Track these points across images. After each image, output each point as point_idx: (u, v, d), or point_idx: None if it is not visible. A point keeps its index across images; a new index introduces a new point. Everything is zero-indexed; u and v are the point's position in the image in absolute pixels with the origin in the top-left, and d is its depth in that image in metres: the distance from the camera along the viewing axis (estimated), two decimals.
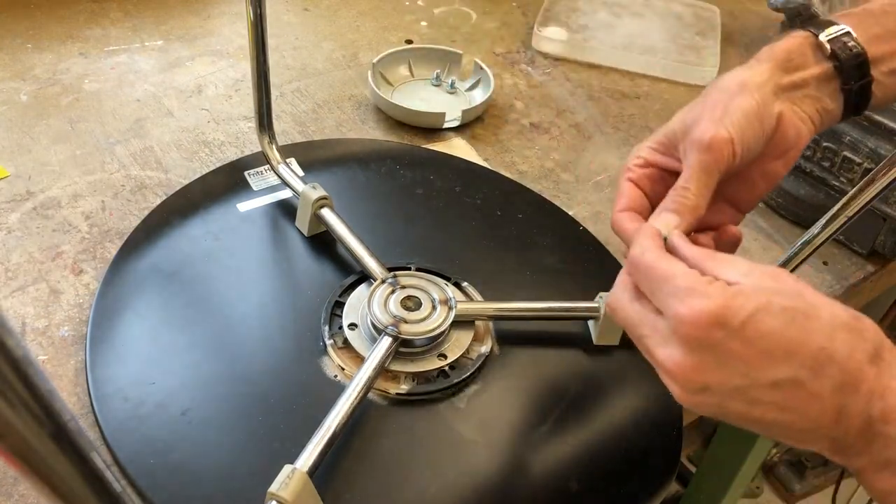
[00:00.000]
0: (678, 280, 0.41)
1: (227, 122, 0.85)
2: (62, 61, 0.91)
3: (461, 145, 0.87)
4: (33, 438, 0.25)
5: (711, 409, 0.42)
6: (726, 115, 0.49)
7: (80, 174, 0.77)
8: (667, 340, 0.42)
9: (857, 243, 0.81)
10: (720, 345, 0.40)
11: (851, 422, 0.39)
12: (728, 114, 0.49)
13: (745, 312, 0.39)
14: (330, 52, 0.99)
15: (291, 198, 0.74)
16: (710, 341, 0.40)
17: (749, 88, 0.50)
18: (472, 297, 0.67)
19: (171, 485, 0.52)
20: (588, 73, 1.02)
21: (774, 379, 0.39)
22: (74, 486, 0.27)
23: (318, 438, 0.52)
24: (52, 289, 0.66)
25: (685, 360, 0.41)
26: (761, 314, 0.39)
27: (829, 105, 0.53)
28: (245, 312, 0.64)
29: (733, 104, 0.50)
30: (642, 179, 0.53)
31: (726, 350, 0.40)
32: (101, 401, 0.56)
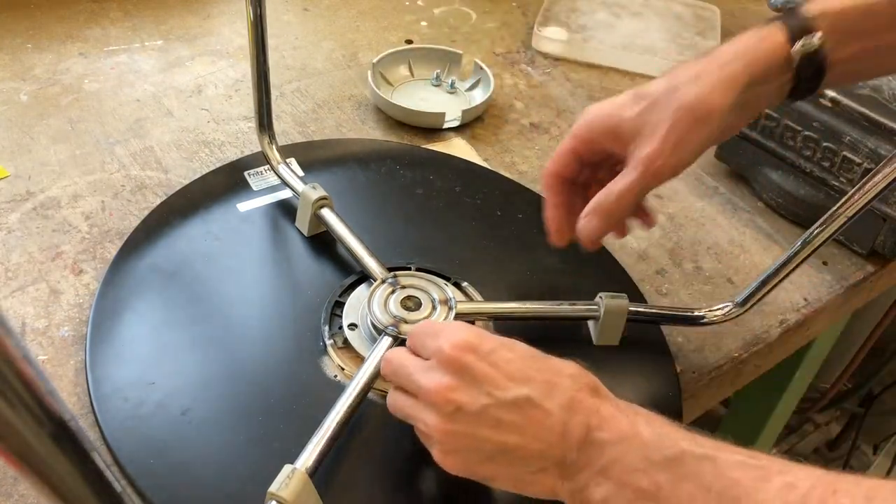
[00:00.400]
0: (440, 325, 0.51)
1: (227, 122, 0.85)
2: (62, 61, 0.91)
3: (461, 145, 0.87)
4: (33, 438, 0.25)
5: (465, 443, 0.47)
6: (680, 146, 0.53)
7: (80, 174, 0.77)
8: (430, 370, 0.49)
9: (857, 243, 0.81)
10: (472, 366, 0.47)
11: (574, 434, 0.45)
12: (683, 145, 0.53)
13: (493, 344, 0.48)
14: (330, 52, 0.99)
15: (291, 198, 0.74)
16: (463, 363, 0.47)
17: (711, 120, 0.53)
18: (472, 297, 0.67)
19: (171, 485, 0.52)
20: (588, 73, 1.02)
21: (514, 396, 0.46)
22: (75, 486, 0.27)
23: (318, 438, 0.52)
24: (52, 289, 0.66)
25: (443, 379, 0.47)
26: (505, 349, 0.49)
27: (773, 103, 0.57)
28: (245, 312, 0.64)
29: (690, 138, 0.53)
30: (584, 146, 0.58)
31: (476, 372, 0.47)
32: (101, 401, 0.56)
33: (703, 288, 0.75)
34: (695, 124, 0.53)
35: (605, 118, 0.56)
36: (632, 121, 0.54)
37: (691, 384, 0.68)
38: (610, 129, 0.56)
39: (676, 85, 0.54)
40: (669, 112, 0.53)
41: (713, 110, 0.52)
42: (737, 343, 0.71)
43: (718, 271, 0.77)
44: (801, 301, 0.76)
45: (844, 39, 0.53)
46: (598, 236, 0.57)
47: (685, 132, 0.53)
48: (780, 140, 0.82)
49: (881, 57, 0.55)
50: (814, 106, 0.78)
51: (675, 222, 0.82)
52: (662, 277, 0.76)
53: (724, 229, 0.82)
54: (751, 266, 0.79)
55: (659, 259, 0.78)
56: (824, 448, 1.71)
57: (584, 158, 0.59)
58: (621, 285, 0.72)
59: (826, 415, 1.65)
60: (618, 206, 0.55)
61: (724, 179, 0.89)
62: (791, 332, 0.75)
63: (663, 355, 0.67)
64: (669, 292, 0.74)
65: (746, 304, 0.66)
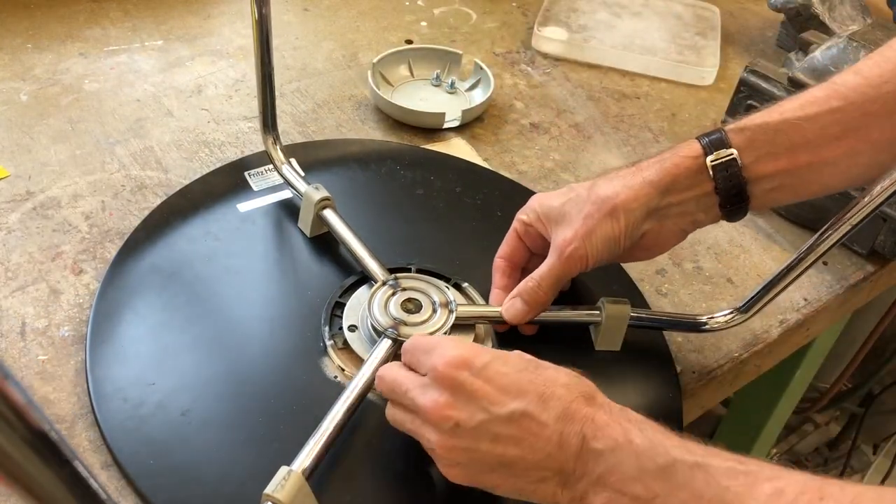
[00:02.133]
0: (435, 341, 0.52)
1: (228, 122, 0.85)
2: (62, 61, 0.91)
3: (461, 145, 0.87)
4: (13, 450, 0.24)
5: (466, 457, 0.49)
6: (590, 236, 0.59)
7: (80, 174, 0.77)
8: (426, 388, 0.50)
9: (857, 243, 0.81)
10: (466, 383, 0.48)
11: (570, 444, 0.47)
12: (592, 235, 0.58)
13: (486, 359, 0.49)
14: (330, 52, 0.99)
15: (291, 198, 0.74)
16: (458, 380, 0.48)
17: (618, 214, 0.58)
18: (473, 297, 0.67)
19: (171, 485, 0.52)
20: (588, 73, 1.02)
21: (510, 411, 0.47)
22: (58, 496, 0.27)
23: (315, 440, 0.52)
24: (52, 289, 0.66)
25: (440, 397, 0.48)
26: (498, 362, 0.49)
27: (702, 218, 0.60)
28: (245, 313, 0.64)
29: (599, 230, 0.58)
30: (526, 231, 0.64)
31: (471, 388, 0.48)
32: (101, 401, 0.56)
33: (703, 288, 0.75)
34: (603, 218, 0.58)
35: (539, 206, 0.62)
36: (558, 209, 0.61)
37: (691, 384, 0.68)
38: (542, 216, 0.62)
39: (597, 181, 0.60)
40: (586, 205, 0.59)
41: (619, 206, 0.58)
42: (737, 343, 0.71)
43: (718, 271, 0.77)
44: (800, 301, 0.76)
45: (763, 156, 0.56)
46: (522, 317, 0.61)
47: (595, 224, 0.58)
48: None
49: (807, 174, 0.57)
50: None
51: None
52: (662, 277, 0.76)
53: (724, 229, 0.82)
54: (751, 266, 0.79)
55: (659, 259, 0.78)
56: (824, 448, 1.71)
57: (528, 244, 0.65)
58: (621, 285, 0.72)
59: (826, 415, 1.65)
60: (538, 289, 0.61)
61: None
62: (791, 332, 0.75)
63: (663, 355, 0.67)
64: (669, 292, 0.74)
65: (749, 311, 0.66)
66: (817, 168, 0.57)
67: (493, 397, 0.48)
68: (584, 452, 0.47)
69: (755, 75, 0.82)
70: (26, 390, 0.24)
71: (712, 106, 0.99)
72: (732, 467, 0.44)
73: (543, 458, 0.47)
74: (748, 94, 0.82)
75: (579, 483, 0.47)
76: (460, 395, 0.48)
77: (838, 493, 0.40)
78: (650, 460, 0.45)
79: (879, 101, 0.56)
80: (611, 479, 0.46)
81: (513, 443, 0.47)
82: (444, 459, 0.49)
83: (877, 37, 0.77)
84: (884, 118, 0.55)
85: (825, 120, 0.56)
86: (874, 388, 1.48)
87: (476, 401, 0.48)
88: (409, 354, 0.53)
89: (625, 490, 0.45)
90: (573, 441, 0.47)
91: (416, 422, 0.51)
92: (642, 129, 0.94)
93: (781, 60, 0.96)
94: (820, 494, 0.40)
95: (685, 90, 1.01)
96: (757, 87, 0.81)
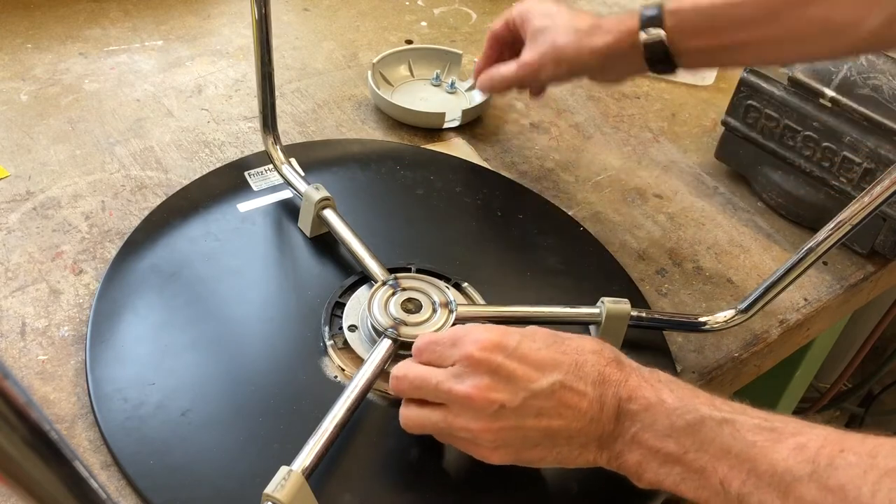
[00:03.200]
0: (459, 332, 0.53)
1: (228, 122, 0.85)
2: (62, 61, 0.91)
3: (461, 145, 0.87)
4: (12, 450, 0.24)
5: (512, 436, 0.50)
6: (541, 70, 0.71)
7: (80, 174, 0.77)
8: (461, 377, 0.50)
9: (857, 243, 0.81)
10: (503, 366, 0.50)
11: (608, 407, 0.49)
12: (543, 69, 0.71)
13: (516, 340, 0.51)
14: (330, 52, 0.99)
15: (291, 198, 0.74)
16: (494, 363, 0.50)
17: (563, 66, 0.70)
18: (473, 297, 0.67)
19: (171, 485, 0.52)
20: None
21: (550, 384, 0.49)
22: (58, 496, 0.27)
23: (315, 440, 0.52)
24: (52, 289, 0.66)
25: (481, 382, 0.49)
26: (527, 340, 0.51)
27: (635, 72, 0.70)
28: (244, 313, 0.64)
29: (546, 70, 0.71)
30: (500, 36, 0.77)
31: (508, 370, 0.50)
32: (101, 401, 0.56)
33: (703, 288, 0.75)
34: (553, 62, 0.70)
35: (526, 13, 0.73)
36: (535, 28, 0.72)
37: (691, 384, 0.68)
38: (525, 26, 0.73)
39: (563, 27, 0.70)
40: (547, 43, 0.70)
41: (566, 61, 0.69)
42: (737, 343, 0.71)
43: (718, 271, 0.77)
44: (800, 301, 0.76)
45: (689, 34, 0.65)
46: (485, 89, 0.78)
47: (547, 62, 0.70)
48: (780, 140, 0.82)
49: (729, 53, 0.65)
50: (814, 106, 0.78)
51: (675, 222, 0.82)
52: (662, 277, 0.76)
53: (724, 229, 0.82)
54: (751, 266, 0.79)
55: (659, 259, 0.78)
56: None
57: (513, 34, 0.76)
58: (621, 285, 0.72)
59: (826, 415, 1.65)
60: (500, 81, 0.75)
61: (724, 179, 0.89)
62: (791, 332, 0.75)
63: (663, 355, 0.67)
64: (669, 292, 0.74)
65: (750, 312, 0.66)
66: (738, 48, 0.64)
67: (531, 375, 0.50)
68: (620, 414, 0.49)
69: (755, 75, 0.82)
70: (26, 390, 0.24)
71: (712, 106, 0.99)
72: (759, 424, 0.46)
73: (585, 424, 0.49)
74: (748, 94, 0.82)
75: (615, 443, 0.50)
76: (499, 377, 0.49)
77: (858, 444, 0.42)
78: (680, 418, 0.48)
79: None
80: (644, 437, 0.48)
81: (556, 414, 0.49)
82: (488, 443, 0.50)
83: None
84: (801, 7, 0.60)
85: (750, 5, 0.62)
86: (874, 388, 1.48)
87: (516, 380, 0.49)
88: (428, 352, 0.53)
89: (657, 447, 0.48)
90: (610, 403, 0.49)
91: (450, 414, 0.51)
92: (642, 129, 0.94)
93: None
94: (840, 447, 0.42)
95: (685, 90, 1.01)
96: (757, 87, 0.81)
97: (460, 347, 0.51)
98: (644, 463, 0.49)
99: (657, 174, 0.88)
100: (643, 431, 0.49)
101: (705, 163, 0.90)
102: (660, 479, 0.48)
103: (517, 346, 0.51)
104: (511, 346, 0.51)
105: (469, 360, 0.50)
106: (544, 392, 0.49)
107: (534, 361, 0.50)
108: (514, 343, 0.51)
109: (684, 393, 0.49)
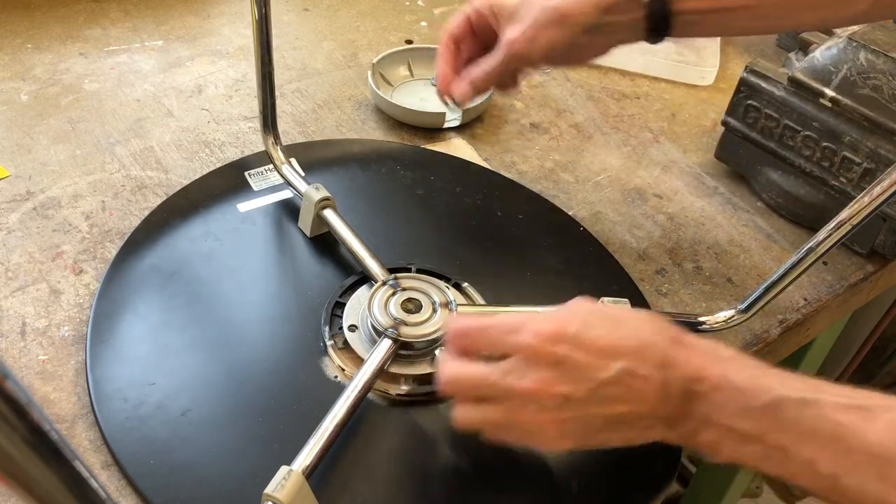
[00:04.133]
0: (512, 321, 0.50)
1: (228, 122, 0.85)
2: (62, 61, 0.91)
3: (461, 145, 0.87)
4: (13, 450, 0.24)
5: (577, 425, 0.49)
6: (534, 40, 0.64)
7: (80, 174, 0.77)
8: (524, 371, 0.49)
9: (857, 243, 0.81)
10: (567, 357, 0.48)
11: (674, 389, 0.48)
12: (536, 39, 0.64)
13: (575, 327, 0.49)
14: (330, 52, 0.99)
15: (292, 198, 0.74)
16: (558, 356, 0.48)
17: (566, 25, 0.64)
18: (473, 297, 0.67)
19: (171, 485, 0.52)
20: (588, 73, 1.02)
21: (614, 373, 0.48)
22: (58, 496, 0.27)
23: (315, 440, 0.52)
24: (52, 289, 0.66)
25: (546, 375, 0.48)
26: (586, 327, 0.49)
27: (628, 38, 0.66)
28: (245, 313, 0.64)
29: (543, 36, 0.64)
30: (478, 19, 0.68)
31: (573, 361, 0.48)
32: (101, 401, 0.56)
33: (703, 288, 0.75)
34: (550, 25, 0.64)
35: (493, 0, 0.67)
36: (510, 8, 0.66)
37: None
38: (495, 9, 0.67)
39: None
40: (536, 10, 0.64)
41: (567, 17, 0.63)
42: (737, 343, 0.71)
43: (718, 271, 0.77)
44: (800, 301, 0.76)
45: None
46: (468, 98, 0.68)
47: (541, 28, 0.64)
48: (780, 140, 0.82)
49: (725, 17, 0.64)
50: (814, 106, 0.78)
51: (675, 222, 0.82)
52: (662, 277, 0.76)
53: (724, 229, 0.82)
54: (751, 266, 0.79)
55: (659, 259, 0.78)
56: None
57: (476, 31, 0.69)
58: (621, 285, 0.72)
59: None
60: (485, 78, 0.67)
61: (724, 179, 0.89)
62: (791, 331, 0.75)
63: None
64: (669, 292, 0.74)
65: (750, 312, 0.66)
66: (734, 12, 0.62)
67: (595, 363, 0.48)
68: (688, 395, 0.48)
69: (755, 75, 0.82)
70: (26, 390, 0.24)
71: (712, 106, 0.99)
72: (843, 402, 0.44)
73: (652, 407, 0.48)
74: (748, 94, 0.82)
75: (686, 423, 0.48)
76: (563, 369, 0.48)
77: None
78: (755, 398, 0.46)
79: None
80: (717, 417, 0.47)
81: (621, 401, 0.48)
82: (553, 434, 0.49)
83: (877, 37, 0.77)
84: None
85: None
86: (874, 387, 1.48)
87: (580, 370, 0.48)
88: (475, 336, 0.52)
89: (733, 426, 0.46)
90: (676, 386, 0.48)
91: (510, 410, 0.49)
92: (642, 129, 0.94)
93: (781, 60, 0.96)
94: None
95: (685, 90, 1.01)
96: (757, 87, 0.81)
97: (518, 336, 0.49)
98: (720, 441, 0.47)
99: (657, 174, 0.88)
100: (715, 412, 0.47)
101: (705, 163, 0.90)
102: (739, 455, 0.47)
103: (577, 333, 0.49)
104: (571, 333, 0.49)
105: (529, 350, 0.49)
106: (610, 380, 0.48)
107: (597, 350, 0.48)
108: (574, 331, 0.49)
109: (753, 371, 0.47)
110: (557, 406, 0.48)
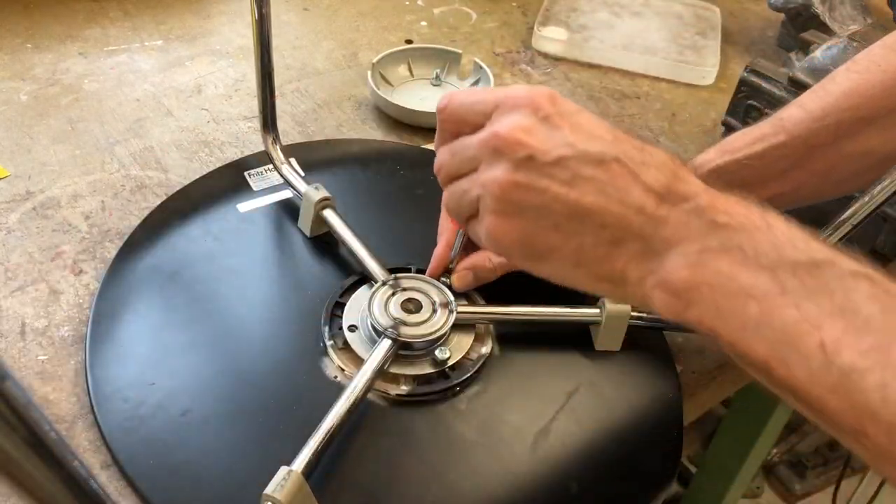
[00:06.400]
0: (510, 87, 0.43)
1: (227, 122, 0.85)
2: (62, 61, 0.91)
3: None
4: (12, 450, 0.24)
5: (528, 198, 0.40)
6: None
7: (80, 174, 0.77)
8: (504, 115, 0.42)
9: (858, 243, 0.80)
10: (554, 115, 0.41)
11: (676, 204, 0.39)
12: None
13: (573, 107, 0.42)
14: (330, 51, 0.99)
15: (291, 198, 0.74)
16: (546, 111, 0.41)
17: None
18: (473, 297, 0.67)
19: (171, 485, 0.52)
20: (588, 73, 1.02)
21: (600, 151, 0.40)
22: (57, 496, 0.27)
23: (315, 440, 0.52)
24: (52, 289, 0.66)
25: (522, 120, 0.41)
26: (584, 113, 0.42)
27: None
28: (244, 313, 0.64)
29: None
30: None
31: (558, 122, 0.41)
32: (101, 401, 0.56)
33: None
34: None
35: None
36: None
37: (692, 384, 0.68)
38: None
39: None
40: None
41: None
42: None
43: None
44: None
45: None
46: (469, 287, 0.65)
47: None
48: None
49: None
50: None
51: None
52: None
53: None
54: None
55: None
56: (824, 448, 1.71)
57: None
58: None
59: None
60: (491, 272, 0.64)
61: None
62: None
63: (663, 355, 0.67)
64: None
65: None
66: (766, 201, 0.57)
67: (581, 135, 0.40)
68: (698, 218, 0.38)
69: (755, 75, 0.81)
70: (26, 390, 0.24)
71: (713, 106, 0.99)
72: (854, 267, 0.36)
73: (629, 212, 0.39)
74: (748, 94, 0.82)
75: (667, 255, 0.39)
76: (544, 125, 0.40)
77: None
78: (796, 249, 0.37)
79: (822, 133, 0.60)
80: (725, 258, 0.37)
81: (594, 188, 0.39)
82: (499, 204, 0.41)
83: (877, 37, 0.77)
84: (825, 148, 0.59)
85: (773, 155, 0.61)
86: None
87: (561, 134, 0.40)
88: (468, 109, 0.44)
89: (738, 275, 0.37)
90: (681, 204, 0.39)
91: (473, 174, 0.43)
92: (642, 129, 0.94)
93: (782, 60, 0.96)
94: None
95: (685, 90, 1.01)
96: (757, 87, 0.81)
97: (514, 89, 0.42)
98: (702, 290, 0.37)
99: None
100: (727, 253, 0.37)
101: None
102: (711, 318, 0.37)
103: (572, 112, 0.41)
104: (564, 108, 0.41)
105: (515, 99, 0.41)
106: (591, 157, 0.39)
107: (590, 128, 0.41)
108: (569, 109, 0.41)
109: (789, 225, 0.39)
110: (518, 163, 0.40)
